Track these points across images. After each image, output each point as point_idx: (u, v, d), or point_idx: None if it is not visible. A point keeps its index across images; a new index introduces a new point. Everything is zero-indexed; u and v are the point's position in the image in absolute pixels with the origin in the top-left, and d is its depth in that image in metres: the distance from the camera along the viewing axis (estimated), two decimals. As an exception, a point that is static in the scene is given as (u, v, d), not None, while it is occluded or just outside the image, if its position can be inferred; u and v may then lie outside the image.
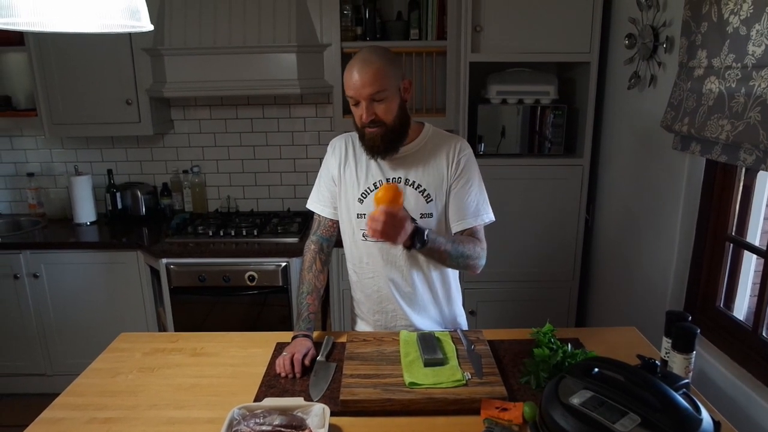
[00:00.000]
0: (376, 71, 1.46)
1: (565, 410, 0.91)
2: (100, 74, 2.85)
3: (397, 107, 1.54)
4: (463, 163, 1.63)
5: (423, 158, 1.63)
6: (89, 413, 1.35)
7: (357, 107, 1.53)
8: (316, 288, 1.68)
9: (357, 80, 1.47)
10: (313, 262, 1.71)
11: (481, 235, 1.68)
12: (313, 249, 1.73)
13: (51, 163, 3.30)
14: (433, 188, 1.62)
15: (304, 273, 1.70)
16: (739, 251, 2.00)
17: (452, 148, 1.63)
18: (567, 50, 2.63)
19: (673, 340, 1.32)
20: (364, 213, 1.63)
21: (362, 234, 1.64)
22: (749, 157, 1.60)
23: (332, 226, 1.75)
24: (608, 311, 2.76)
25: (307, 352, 1.53)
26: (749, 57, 1.58)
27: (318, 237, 1.75)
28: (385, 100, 1.50)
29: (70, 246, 2.87)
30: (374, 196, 1.47)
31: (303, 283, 1.69)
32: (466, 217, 1.64)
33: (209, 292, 2.72)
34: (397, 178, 1.62)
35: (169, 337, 1.77)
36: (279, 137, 3.24)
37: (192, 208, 3.29)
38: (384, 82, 1.48)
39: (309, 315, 1.63)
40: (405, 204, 1.57)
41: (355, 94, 1.50)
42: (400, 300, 1.69)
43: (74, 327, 2.93)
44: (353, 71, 1.48)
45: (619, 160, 2.61)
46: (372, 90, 1.47)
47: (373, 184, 1.63)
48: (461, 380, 1.38)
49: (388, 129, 1.53)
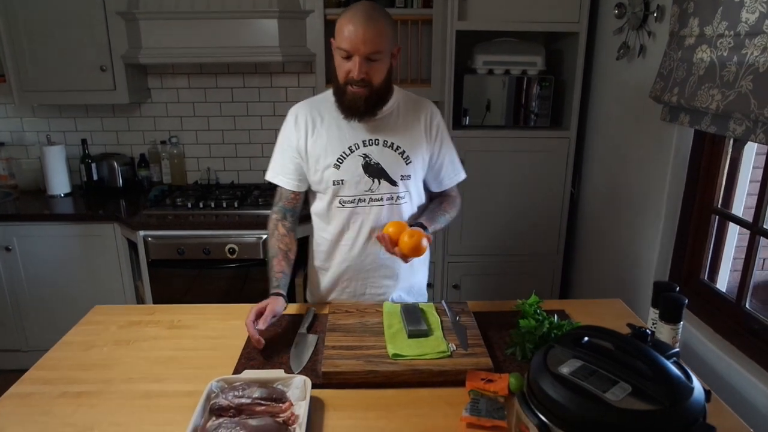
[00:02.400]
0: (379, 30, 1.42)
1: (555, 380, 0.89)
2: (72, 38, 2.73)
3: (386, 71, 1.51)
4: (440, 127, 1.68)
5: (398, 121, 1.62)
6: (60, 387, 1.30)
7: (347, 61, 1.46)
8: (281, 250, 1.60)
9: (359, 35, 1.40)
10: (275, 228, 1.65)
11: (456, 189, 1.80)
12: (275, 218, 1.67)
13: (22, 132, 3.18)
14: (412, 150, 1.62)
15: (269, 240, 1.65)
16: (724, 224, 1.99)
17: (427, 112, 1.66)
18: (555, 20, 2.58)
19: (661, 310, 1.31)
20: (341, 179, 1.58)
21: (339, 201, 1.61)
22: (739, 128, 1.57)
23: (295, 198, 1.68)
24: (592, 285, 2.76)
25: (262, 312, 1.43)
26: (742, 24, 1.54)
27: (280, 207, 1.68)
28: (379, 61, 1.46)
29: (43, 218, 2.78)
30: (400, 238, 1.46)
31: (269, 251, 1.63)
32: (446, 179, 1.74)
33: (189, 265, 2.66)
34: (376, 140, 1.59)
35: (145, 309, 1.72)
36: (260, 107, 3.15)
37: (171, 180, 3.20)
38: (383, 43, 1.44)
39: (275, 275, 1.56)
40: (387, 167, 1.59)
41: (351, 48, 1.42)
42: (376, 268, 1.68)
43: (49, 301, 2.85)
44: (355, 24, 1.40)
45: (606, 133, 2.58)
46: (372, 48, 1.42)
47: (348, 148, 1.58)
48: (446, 352, 1.36)
49: (373, 91, 1.49)
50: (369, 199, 1.60)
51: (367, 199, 1.60)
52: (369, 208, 1.61)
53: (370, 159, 1.58)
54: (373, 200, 1.60)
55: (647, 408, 0.84)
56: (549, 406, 0.89)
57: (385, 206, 1.61)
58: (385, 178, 1.60)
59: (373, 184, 1.59)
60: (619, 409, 0.84)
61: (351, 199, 1.60)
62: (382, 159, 1.59)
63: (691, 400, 0.85)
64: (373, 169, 1.58)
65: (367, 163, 1.58)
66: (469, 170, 2.71)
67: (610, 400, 0.85)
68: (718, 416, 1.18)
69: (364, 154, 1.58)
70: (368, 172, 1.58)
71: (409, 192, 1.64)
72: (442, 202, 1.75)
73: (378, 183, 1.59)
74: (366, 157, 1.58)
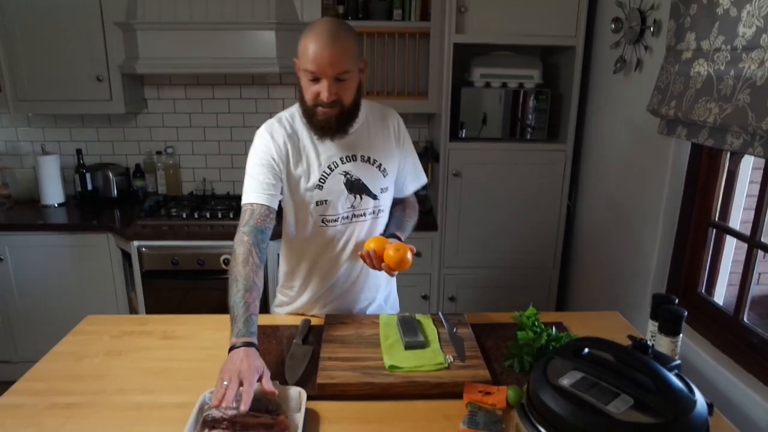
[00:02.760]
0: (345, 48, 1.36)
1: (555, 392, 0.87)
2: (69, 48, 2.73)
3: (355, 88, 1.46)
4: (405, 135, 1.68)
5: (370, 133, 1.58)
6: (50, 398, 1.27)
7: (315, 84, 1.39)
8: (255, 285, 1.34)
9: (326, 56, 1.34)
10: (249, 254, 1.37)
11: (413, 195, 1.79)
12: (247, 240, 1.39)
13: (17, 142, 3.16)
14: (387, 162, 1.60)
15: (239, 267, 1.35)
16: (721, 237, 1.99)
17: (393, 121, 1.65)
18: (552, 33, 2.59)
19: (660, 322, 1.29)
20: (325, 199, 1.53)
21: (322, 220, 1.56)
22: (736, 141, 1.57)
23: (268, 216, 1.46)
24: (589, 298, 2.75)
25: (260, 378, 1.16)
26: (739, 39, 1.55)
27: (252, 228, 1.42)
28: (347, 81, 1.40)
29: (37, 228, 2.75)
30: (385, 251, 1.45)
31: (237, 280, 1.32)
32: (409, 184, 1.73)
33: (183, 275, 2.63)
34: (353, 156, 1.54)
35: (138, 319, 1.70)
36: (257, 119, 3.14)
37: (166, 191, 3.19)
38: (350, 62, 1.38)
39: (250, 316, 1.27)
40: (367, 182, 1.57)
41: (318, 71, 1.36)
42: (357, 280, 1.66)
43: (41, 312, 2.81)
44: (321, 44, 1.34)
45: (602, 146, 2.59)
46: (340, 69, 1.36)
47: (327, 167, 1.52)
48: (443, 363, 1.34)
49: (344, 110, 1.44)
50: (352, 216, 1.57)
51: (350, 216, 1.57)
52: (353, 225, 1.58)
53: (351, 176, 1.54)
54: (356, 216, 1.58)
55: (650, 421, 0.82)
56: (549, 419, 0.87)
57: (368, 221, 1.59)
58: (367, 193, 1.57)
59: (355, 200, 1.56)
60: (622, 422, 0.82)
61: (335, 217, 1.56)
62: (362, 174, 1.55)
63: (694, 413, 0.83)
64: (356, 186, 1.55)
65: (348, 181, 1.54)
66: (466, 183, 2.74)
67: (612, 413, 0.83)
68: (718, 430, 1.17)
69: (345, 172, 1.53)
70: (350, 189, 1.55)
71: (386, 204, 1.64)
72: (405, 208, 1.72)
73: (360, 199, 1.56)
74: (347, 175, 1.54)
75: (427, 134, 3.19)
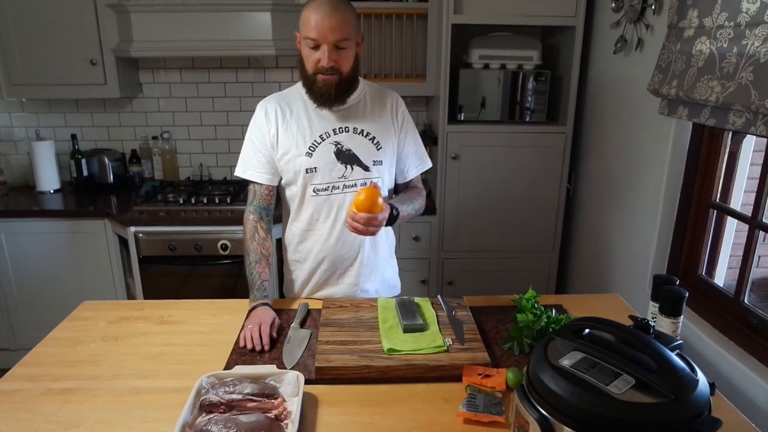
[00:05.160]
0: (345, 18, 1.46)
1: (555, 372, 0.86)
2: (62, 31, 2.68)
3: (353, 58, 1.53)
4: (405, 115, 1.72)
5: (366, 109, 1.65)
6: (45, 384, 1.26)
7: (315, 51, 1.48)
8: (263, 256, 1.60)
9: (326, 23, 1.43)
10: (255, 230, 1.63)
11: (420, 182, 1.82)
12: (252, 218, 1.64)
13: (10, 128, 3.13)
14: (381, 136, 1.65)
15: (248, 243, 1.62)
16: (722, 218, 1.97)
17: (393, 101, 1.70)
18: (552, 14, 2.55)
19: (661, 303, 1.28)
20: (314, 167, 1.59)
21: (312, 189, 1.61)
22: (738, 120, 1.55)
23: (269, 194, 1.67)
24: (589, 280, 2.74)
25: (273, 322, 1.46)
26: (743, 15, 1.52)
27: (256, 206, 1.66)
28: (346, 49, 1.49)
29: (32, 214, 2.73)
30: (355, 198, 1.45)
31: (249, 254, 1.61)
32: (411, 169, 1.75)
33: (180, 261, 2.62)
34: (346, 127, 1.61)
35: (135, 305, 1.68)
36: (254, 102, 3.02)
37: (162, 176, 3.16)
38: (349, 31, 1.48)
39: (262, 283, 1.56)
40: (359, 153, 1.61)
41: (319, 37, 1.45)
42: (350, 259, 1.68)
43: (38, 299, 2.80)
44: (321, 13, 1.43)
45: (602, 127, 2.56)
46: (340, 36, 1.45)
47: (319, 136, 1.59)
48: (442, 346, 1.33)
49: (343, 78, 1.52)
50: (343, 186, 1.61)
51: (341, 186, 1.61)
52: (343, 195, 1.61)
53: (342, 146, 1.60)
54: (347, 187, 1.61)
55: (651, 401, 0.81)
56: (550, 400, 0.86)
57: None
58: (358, 163, 1.61)
59: (346, 170, 1.61)
60: (623, 402, 0.81)
61: (325, 186, 1.61)
62: (354, 145, 1.61)
63: (696, 392, 0.82)
64: (345, 156, 1.60)
65: (339, 150, 1.60)
66: (464, 166, 2.72)
67: (613, 393, 0.82)
68: (719, 411, 1.16)
69: (336, 142, 1.59)
70: (340, 159, 1.60)
71: (382, 178, 1.66)
72: (408, 191, 1.76)
73: (351, 169, 1.61)
74: (337, 144, 1.60)
75: (426, 117, 3.16)
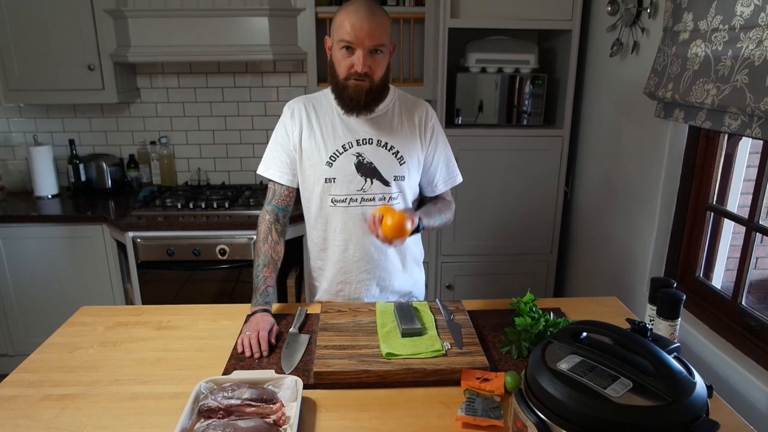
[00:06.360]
0: (382, 23, 1.43)
1: (553, 376, 0.86)
2: (60, 37, 2.68)
3: (386, 66, 1.51)
4: (435, 128, 1.65)
5: (393, 120, 1.60)
6: (44, 390, 1.26)
7: (349, 55, 1.44)
8: (272, 260, 1.57)
9: (364, 27, 1.40)
10: (269, 232, 1.59)
11: (450, 194, 1.78)
12: (268, 219, 1.61)
13: (8, 133, 3.12)
14: (406, 151, 1.59)
15: (260, 244, 1.59)
16: (719, 221, 1.98)
17: (423, 113, 1.64)
18: (548, 17, 2.56)
19: (659, 306, 1.28)
20: (333, 177, 1.56)
21: (331, 200, 1.58)
22: (734, 122, 1.56)
23: (288, 195, 1.64)
24: (587, 284, 2.74)
25: (271, 328, 1.45)
26: (737, 18, 1.53)
27: (273, 207, 1.63)
28: (381, 55, 1.47)
29: (30, 219, 2.72)
30: (383, 223, 1.41)
31: (258, 255, 1.57)
32: (440, 183, 1.70)
33: (179, 266, 2.61)
34: (370, 139, 1.56)
35: (133, 310, 1.68)
36: (251, 107, 3.12)
37: (160, 181, 3.16)
38: (386, 37, 1.45)
39: (266, 288, 1.53)
40: (380, 167, 1.56)
41: (355, 41, 1.41)
42: (369, 268, 1.64)
43: (37, 304, 2.80)
44: (360, 17, 1.40)
45: (599, 130, 2.57)
46: (377, 41, 1.42)
47: (341, 146, 1.55)
48: (440, 350, 1.33)
49: (374, 86, 1.48)
50: (361, 199, 1.57)
51: (359, 199, 1.57)
52: (362, 208, 1.57)
53: (363, 158, 1.55)
54: (365, 200, 1.57)
55: (649, 404, 0.81)
56: (548, 404, 0.86)
57: (378, 206, 1.57)
58: (378, 177, 1.57)
59: (365, 183, 1.57)
60: (621, 405, 0.81)
61: (343, 198, 1.57)
62: (376, 158, 1.56)
63: (693, 395, 0.82)
64: (366, 169, 1.56)
65: (360, 162, 1.55)
66: (462, 170, 2.70)
67: (611, 396, 0.82)
68: (717, 413, 1.16)
69: (357, 153, 1.55)
70: (361, 171, 1.56)
71: (403, 193, 1.61)
72: (437, 203, 1.71)
73: (370, 182, 1.57)
74: (359, 156, 1.55)
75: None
